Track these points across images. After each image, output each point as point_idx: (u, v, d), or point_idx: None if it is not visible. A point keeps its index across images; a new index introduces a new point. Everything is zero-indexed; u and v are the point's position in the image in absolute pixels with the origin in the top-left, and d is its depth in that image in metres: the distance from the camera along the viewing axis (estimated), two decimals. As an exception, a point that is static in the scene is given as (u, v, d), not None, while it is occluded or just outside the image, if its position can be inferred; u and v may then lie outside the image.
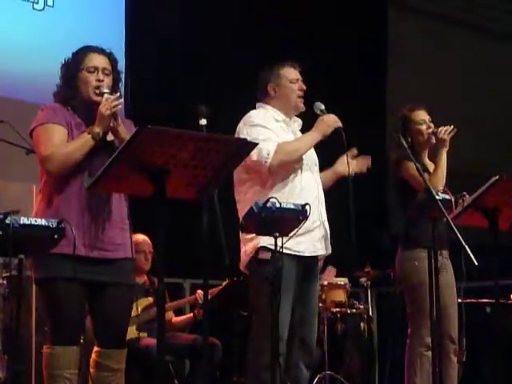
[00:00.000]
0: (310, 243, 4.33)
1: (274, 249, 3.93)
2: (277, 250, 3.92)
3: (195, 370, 6.16)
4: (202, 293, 5.81)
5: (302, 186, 4.37)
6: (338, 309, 6.65)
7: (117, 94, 3.92)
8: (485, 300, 6.50)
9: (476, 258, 3.92)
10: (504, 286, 4.80)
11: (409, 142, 5.02)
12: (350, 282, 6.73)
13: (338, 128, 4.40)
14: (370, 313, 6.86)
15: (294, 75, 4.52)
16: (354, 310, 6.76)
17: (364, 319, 6.78)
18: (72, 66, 4.00)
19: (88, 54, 4.00)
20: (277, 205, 3.86)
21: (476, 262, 3.91)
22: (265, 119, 4.42)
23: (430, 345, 4.57)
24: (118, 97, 3.88)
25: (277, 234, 3.90)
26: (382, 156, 5.44)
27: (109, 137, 3.90)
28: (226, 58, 7.62)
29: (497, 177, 4.09)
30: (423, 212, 4.38)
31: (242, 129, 4.39)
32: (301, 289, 4.32)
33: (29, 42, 6.66)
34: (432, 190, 4.20)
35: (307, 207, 3.93)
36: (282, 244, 3.92)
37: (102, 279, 3.89)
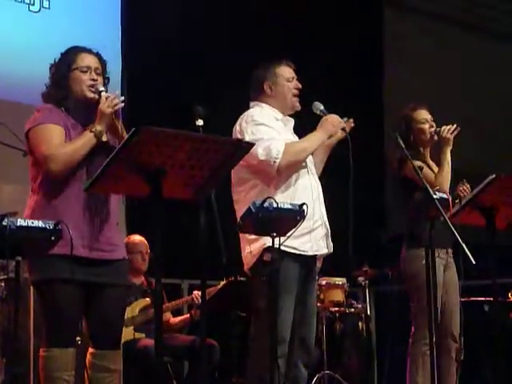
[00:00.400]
0: (314, 242, 4.32)
1: (278, 249, 3.91)
2: (280, 250, 3.92)
3: (194, 371, 6.15)
4: (198, 293, 5.80)
5: (303, 186, 4.36)
6: (336, 308, 6.66)
7: (116, 92, 3.91)
8: (483, 298, 6.50)
9: (473, 257, 3.92)
10: (502, 285, 4.81)
11: (410, 141, 5.02)
12: (348, 281, 6.73)
13: (344, 136, 4.41)
14: (368, 312, 6.86)
15: (289, 74, 4.50)
16: (353, 310, 6.76)
17: (362, 318, 6.78)
18: (63, 66, 3.96)
19: (79, 54, 3.97)
20: (274, 205, 3.85)
21: (474, 261, 3.91)
22: (268, 118, 4.39)
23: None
24: (118, 95, 3.87)
25: (274, 234, 3.90)
26: (380, 155, 5.44)
27: (104, 137, 3.88)
28: (225, 58, 7.61)
29: (494, 175, 4.09)
30: (421, 211, 4.38)
31: (245, 128, 4.33)
32: (301, 289, 4.31)
33: (25, 43, 6.65)
34: (430, 189, 4.20)
35: (304, 207, 3.92)
36: (279, 244, 3.91)
37: (100, 280, 3.87)
